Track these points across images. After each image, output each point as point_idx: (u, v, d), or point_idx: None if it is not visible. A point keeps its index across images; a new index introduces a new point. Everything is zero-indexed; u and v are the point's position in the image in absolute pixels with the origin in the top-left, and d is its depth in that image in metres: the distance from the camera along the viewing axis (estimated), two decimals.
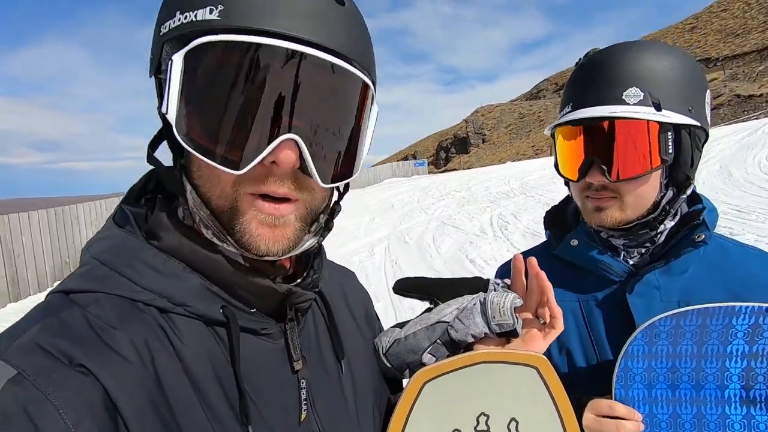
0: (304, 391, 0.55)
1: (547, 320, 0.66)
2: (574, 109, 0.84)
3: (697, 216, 0.84)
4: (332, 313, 0.64)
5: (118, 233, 0.51)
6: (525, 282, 0.68)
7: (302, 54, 0.45)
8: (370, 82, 0.51)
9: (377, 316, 0.81)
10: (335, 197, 0.59)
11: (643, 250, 0.86)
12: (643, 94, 0.79)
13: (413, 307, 5.19)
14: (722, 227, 6.75)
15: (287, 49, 0.44)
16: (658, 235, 0.86)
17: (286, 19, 0.45)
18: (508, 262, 1.05)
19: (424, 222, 10.82)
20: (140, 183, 0.58)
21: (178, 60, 0.45)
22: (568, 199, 1.03)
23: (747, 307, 0.67)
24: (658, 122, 0.78)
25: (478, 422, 0.58)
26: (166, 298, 0.48)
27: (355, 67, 0.49)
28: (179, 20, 0.46)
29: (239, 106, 0.45)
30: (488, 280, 0.70)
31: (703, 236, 0.81)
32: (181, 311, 0.48)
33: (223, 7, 0.44)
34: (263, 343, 0.53)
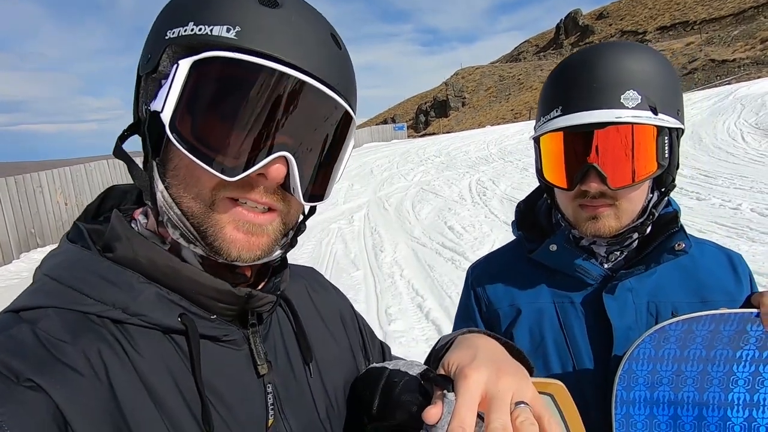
0: (270, 396, 0.55)
1: None
2: (564, 113, 0.79)
3: (671, 220, 0.85)
4: (298, 317, 0.64)
5: (70, 248, 0.51)
6: None
7: (305, 83, 0.49)
8: (354, 118, 0.56)
9: (354, 314, 0.78)
10: (301, 218, 0.62)
11: (618, 254, 0.87)
12: (640, 97, 0.76)
13: (392, 275, 5.25)
14: (690, 191, 7.00)
15: (294, 76, 0.48)
16: (633, 240, 0.86)
17: (294, 50, 0.49)
18: (480, 262, 1.02)
19: (403, 188, 10.80)
20: (97, 201, 0.58)
21: (185, 65, 0.47)
22: (535, 196, 1.01)
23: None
24: (657, 126, 0.77)
25: None
26: (120, 309, 0.48)
27: (346, 103, 0.53)
28: (192, 30, 0.48)
29: (242, 119, 0.47)
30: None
31: (684, 245, 0.81)
32: (137, 321, 0.48)
33: (240, 29, 0.47)
34: (226, 350, 0.53)
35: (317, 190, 0.55)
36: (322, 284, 0.76)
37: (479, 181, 10.17)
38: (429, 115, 60.38)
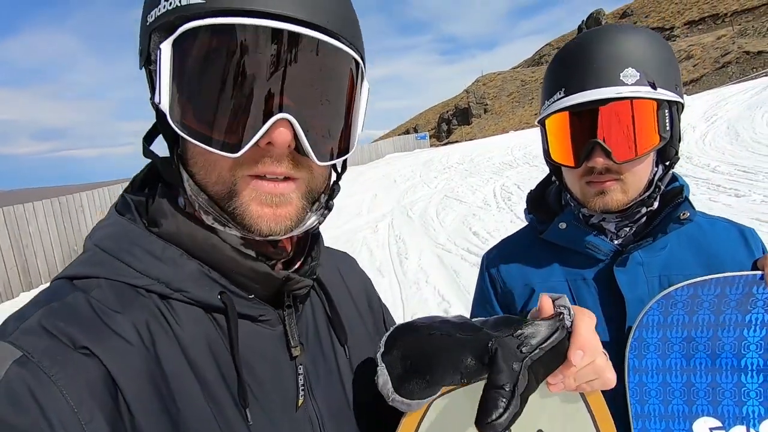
0: (301, 377, 0.55)
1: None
2: (567, 94, 0.83)
3: (677, 194, 0.88)
4: (332, 301, 0.64)
5: (118, 220, 0.52)
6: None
7: (287, 32, 0.44)
8: (358, 57, 0.51)
9: (379, 298, 0.79)
10: (334, 177, 0.60)
11: (628, 229, 0.89)
12: (639, 74, 0.80)
13: (417, 282, 5.23)
14: (728, 188, 6.68)
15: (272, 28, 0.44)
16: (641, 214, 0.88)
17: None
18: (494, 247, 1.05)
19: (427, 196, 10.79)
20: (143, 172, 0.58)
21: (166, 48, 0.45)
22: (545, 183, 1.04)
23: None
24: (657, 100, 0.80)
25: None
26: (165, 284, 0.48)
27: (342, 42, 0.49)
28: (164, 7, 0.46)
29: (230, 89, 0.45)
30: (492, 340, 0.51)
31: (688, 214, 0.84)
32: (180, 297, 0.49)
33: None
34: (261, 330, 0.54)
35: (336, 145, 0.52)
36: (353, 267, 0.77)
37: (504, 187, 10.04)
38: (451, 123, 60.22)
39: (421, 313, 4.27)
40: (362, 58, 0.53)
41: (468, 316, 0.65)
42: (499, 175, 11.70)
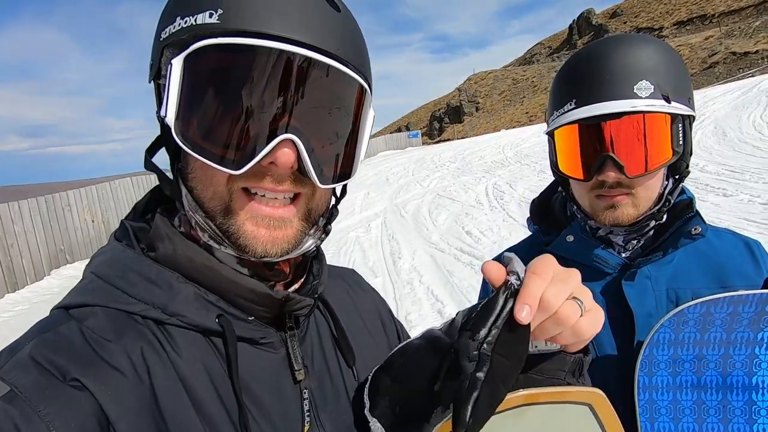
0: (306, 401, 0.53)
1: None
2: (578, 105, 0.81)
3: (686, 207, 0.86)
4: (338, 321, 0.62)
5: (116, 246, 0.51)
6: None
7: (299, 56, 0.45)
8: (366, 85, 0.52)
9: (392, 314, 0.76)
10: (333, 201, 0.59)
11: (635, 242, 0.88)
12: (653, 87, 0.77)
13: (411, 281, 5.24)
14: (716, 188, 6.79)
15: (284, 50, 0.45)
16: (650, 228, 0.87)
17: (284, 22, 0.45)
18: (497, 258, 1.03)
19: (419, 195, 10.80)
20: (144, 199, 0.58)
21: (177, 63, 0.46)
22: (550, 191, 1.02)
23: None
24: (671, 114, 0.78)
25: None
26: (160, 309, 0.47)
27: (351, 69, 0.49)
28: (179, 25, 0.47)
29: (238, 107, 0.45)
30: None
31: (700, 229, 0.82)
32: (176, 321, 0.48)
33: (222, 11, 0.45)
34: (263, 353, 0.52)
35: (338, 169, 0.52)
36: (361, 285, 0.75)
37: (496, 185, 10.09)
38: (443, 121, 60.38)
39: (415, 312, 4.27)
40: (370, 87, 0.54)
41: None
42: (491, 174, 11.76)
